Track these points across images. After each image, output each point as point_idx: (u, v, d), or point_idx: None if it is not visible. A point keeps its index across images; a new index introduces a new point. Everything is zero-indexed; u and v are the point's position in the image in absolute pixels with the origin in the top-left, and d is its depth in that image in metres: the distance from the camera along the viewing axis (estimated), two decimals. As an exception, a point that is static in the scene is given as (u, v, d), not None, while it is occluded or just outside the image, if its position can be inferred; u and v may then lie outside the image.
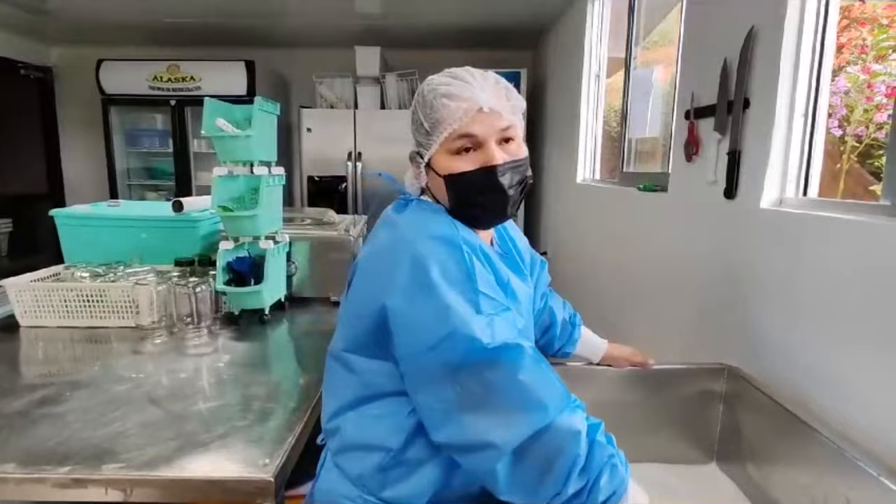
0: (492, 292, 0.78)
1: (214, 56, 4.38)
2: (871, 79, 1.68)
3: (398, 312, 0.78)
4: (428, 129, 0.85)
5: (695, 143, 1.64)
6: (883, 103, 1.68)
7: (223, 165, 1.65)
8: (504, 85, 0.87)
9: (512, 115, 0.86)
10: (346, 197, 4.08)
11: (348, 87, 4.21)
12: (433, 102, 0.84)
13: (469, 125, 0.82)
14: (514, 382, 0.74)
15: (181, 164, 4.50)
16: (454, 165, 0.84)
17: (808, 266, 1.17)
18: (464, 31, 4.13)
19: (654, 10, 2.54)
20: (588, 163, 3.10)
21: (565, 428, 0.74)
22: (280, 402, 1.16)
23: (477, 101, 0.82)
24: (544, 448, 0.74)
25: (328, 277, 1.94)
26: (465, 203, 0.86)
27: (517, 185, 0.86)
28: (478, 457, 0.76)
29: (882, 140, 1.72)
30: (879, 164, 1.77)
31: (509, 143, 0.86)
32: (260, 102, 1.60)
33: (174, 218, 1.90)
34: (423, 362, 0.77)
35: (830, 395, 1.09)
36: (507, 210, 0.87)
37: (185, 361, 1.39)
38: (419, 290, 0.76)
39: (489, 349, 0.73)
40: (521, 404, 0.74)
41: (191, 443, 0.97)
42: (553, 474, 0.74)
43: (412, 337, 0.78)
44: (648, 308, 2.04)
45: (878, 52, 1.68)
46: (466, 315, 0.74)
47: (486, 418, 0.74)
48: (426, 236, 0.80)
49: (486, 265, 0.81)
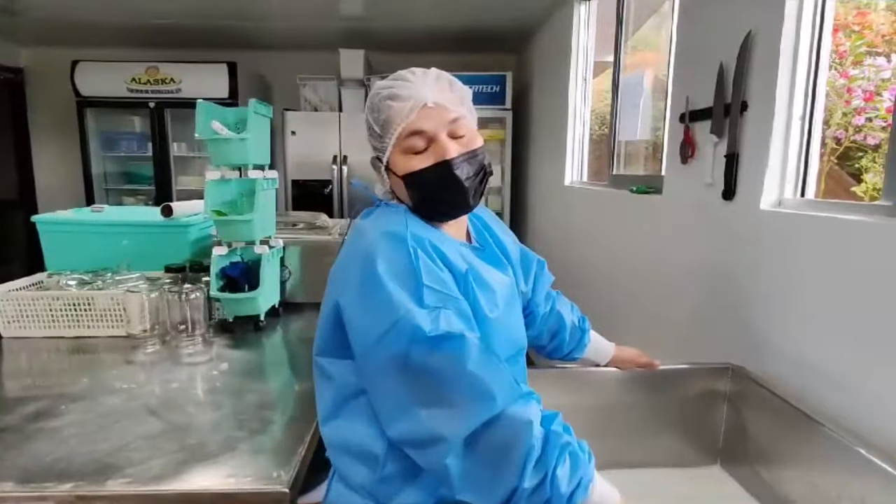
0: (438, 285, 0.79)
1: (195, 58, 4.30)
2: (849, 83, 1.73)
3: (348, 308, 0.80)
4: (379, 131, 0.87)
5: (690, 146, 1.66)
6: (861, 107, 1.73)
7: (215, 169, 1.61)
8: (447, 78, 0.89)
9: (459, 106, 0.87)
10: (331, 200, 4.04)
11: (332, 90, 4.18)
12: (379, 105, 0.86)
13: (417, 122, 0.84)
14: (461, 372, 0.74)
15: (161, 169, 4.40)
16: (410, 164, 0.86)
17: (809, 266, 1.18)
18: (448, 34, 4.13)
19: (634, 16, 2.58)
20: (576, 165, 3.12)
21: (516, 418, 0.73)
22: (281, 411, 1.14)
23: (420, 97, 0.84)
24: (495, 439, 0.73)
25: (322, 282, 1.89)
26: (426, 199, 0.88)
27: (474, 175, 0.88)
28: (429, 452, 0.75)
29: (861, 142, 1.77)
30: (859, 166, 1.82)
31: (461, 136, 0.87)
32: (254, 105, 1.57)
33: (163, 223, 1.85)
34: (372, 356, 0.78)
35: (834, 394, 1.10)
36: (469, 201, 0.89)
37: (181, 371, 1.35)
38: (367, 284, 0.78)
39: (430, 337, 0.74)
40: (470, 394, 0.74)
41: (197, 455, 0.95)
42: (507, 467, 0.72)
43: (361, 331, 0.79)
44: (642, 310, 2.05)
45: (856, 57, 1.73)
46: (410, 307, 0.75)
47: (436, 411, 0.74)
48: (377, 234, 0.83)
49: (436, 258, 0.82)
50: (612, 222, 2.39)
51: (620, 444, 1.28)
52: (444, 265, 0.83)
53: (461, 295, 0.83)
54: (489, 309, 0.87)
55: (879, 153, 1.73)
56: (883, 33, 1.75)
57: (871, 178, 1.77)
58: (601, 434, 1.13)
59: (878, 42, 1.74)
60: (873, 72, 1.71)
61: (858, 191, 1.79)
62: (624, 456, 1.26)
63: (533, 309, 1.15)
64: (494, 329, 0.87)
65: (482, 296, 0.87)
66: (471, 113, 0.92)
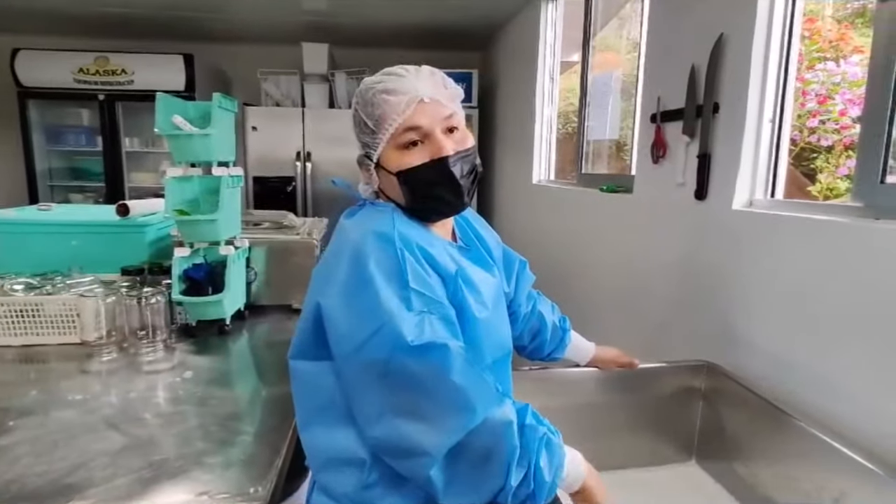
0: (424, 288, 0.77)
1: (149, 49, 4.11)
2: (804, 87, 1.79)
3: (330, 309, 0.77)
4: (373, 127, 0.84)
5: (662, 146, 1.68)
6: (815, 109, 1.80)
7: (177, 166, 1.53)
8: (440, 75, 0.88)
9: (452, 104, 0.86)
10: (294, 198, 3.94)
11: (295, 85, 4.06)
12: (373, 100, 0.83)
13: (413, 117, 0.82)
14: (444, 383, 0.72)
15: (112, 165, 4.18)
16: (405, 161, 0.84)
17: (781, 265, 1.21)
18: (414, 30, 4.09)
19: (595, 19, 2.61)
20: (544, 164, 3.13)
21: (497, 421, 0.73)
22: (252, 420, 1.09)
23: (417, 92, 0.82)
24: (479, 446, 0.72)
25: (290, 284, 1.85)
26: (420, 197, 0.86)
27: (468, 174, 0.87)
28: (411, 463, 0.74)
29: (815, 144, 1.84)
30: (814, 166, 1.89)
31: (454, 133, 0.86)
32: (219, 99, 1.50)
33: (118, 223, 1.75)
34: (353, 360, 0.76)
35: (807, 390, 1.13)
36: (464, 199, 0.88)
37: (142, 379, 1.27)
38: (353, 285, 0.76)
39: (412, 347, 0.71)
40: (451, 406, 0.72)
41: (164, 471, 0.88)
42: (493, 470, 0.72)
43: (343, 333, 0.76)
44: (616, 309, 2.07)
45: (810, 62, 1.79)
46: (395, 311, 0.73)
47: (417, 423, 0.72)
48: (364, 234, 0.80)
49: (423, 260, 0.80)
50: (582, 221, 2.41)
51: (600, 445, 1.27)
52: (432, 267, 0.81)
53: (450, 297, 0.81)
54: (478, 310, 0.85)
55: (832, 154, 1.80)
56: (830, 39, 1.83)
57: (824, 179, 1.84)
58: (581, 435, 1.12)
59: (827, 47, 1.81)
60: (825, 76, 1.77)
61: (814, 190, 1.86)
62: (603, 457, 1.25)
63: (515, 309, 1.14)
64: (484, 331, 0.85)
65: (471, 296, 0.85)
66: (461, 112, 0.90)
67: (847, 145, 1.73)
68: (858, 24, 1.80)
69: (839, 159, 1.77)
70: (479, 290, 0.88)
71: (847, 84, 1.71)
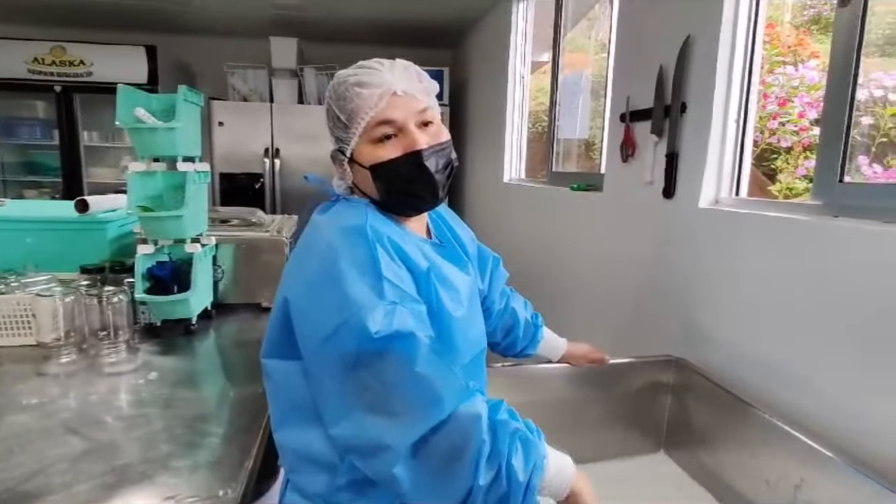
0: (398, 281, 0.76)
1: (109, 39, 3.96)
2: (765, 89, 1.85)
3: (297, 303, 0.77)
4: (345, 121, 0.83)
5: (631, 145, 1.71)
6: (775, 111, 1.86)
7: (140, 161, 1.48)
8: (414, 68, 0.87)
9: (427, 97, 0.85)
10: (262, 195, 3.86)
11: (263, 80, 3.99)
12: (345, 93, 0.82)
13: (387, 111, 0.81)
14: (409, 374, 0.70)
15: (69, 159, 4.02)
16: (378, 154, 0.83)
17: (746, 262, 1.25)
18: (385, 26, 4.06)
19: (566, 19, 2.64)
20: (514, 162, 3.15)
21: (464, 416, 0.71)
22: (219, 421, 1.06)
23: (390, 85, 0.81)
24: (444, 442, 0.70)
25: (258, 282, 1.81)
26: (394, 191, 0.85)
27: (443, 168, 0.86)
28: (375, 461, 0.72)
29: (775, 145, 1.90)
30: (774, 167, 1.95)
31: (429, 127, 0.85)
32: (184, 92, 1.45)
33: (77, 219, 1.68)
34: (319, 355, 0.74)
35: (770, 383, 1.17)
36: (438, 194, 0.86)
37: (103, 382, 1.23)
38: (324, 281, 0.75)
39: (376, 339, 0.69)
40: (417, 399, 0.70)
41: (128, 476, 0.85)
42: (459, 468, 0.70)
43: (309, 327, 0.75)
44: (585, 306, 2.10)
45: (770, 65, 1.85)
46: (364, 302, 0.71)
47: (381, 418, 0.71)
48: (336, 229, 0.79)
49: (395, 255, 0.78)
50: (553, 219, 2.43)
51: (571, 440, 1.27)
52: (404, 263, 0.80)
53: (423, 296, 0.80)
54: (453, 308, 0.84)
55: (791, 155, 1.86)
56: (788, 44, 1.89)
57: (784, 178, 1.90)
58: (553, 431, 1.13)
59: (786, 52, 1.88)
60: (785, 79, 1.83)
61: (774, 190, 1.92)
62: (575, 451, 1.26)
63: (488, 306, 1.14)
64: (458, 329, 0.84)
65: (446, 294, 0.84)
66: (437, 106, 0.89)
67: (805, 146, 1.79)
68: (814, 31, 1.87)
69: (798, 160, 1.83)
70: (456, 287, 0.87)
71: (805, 88, 1.77)
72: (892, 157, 1.38)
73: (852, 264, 1.00)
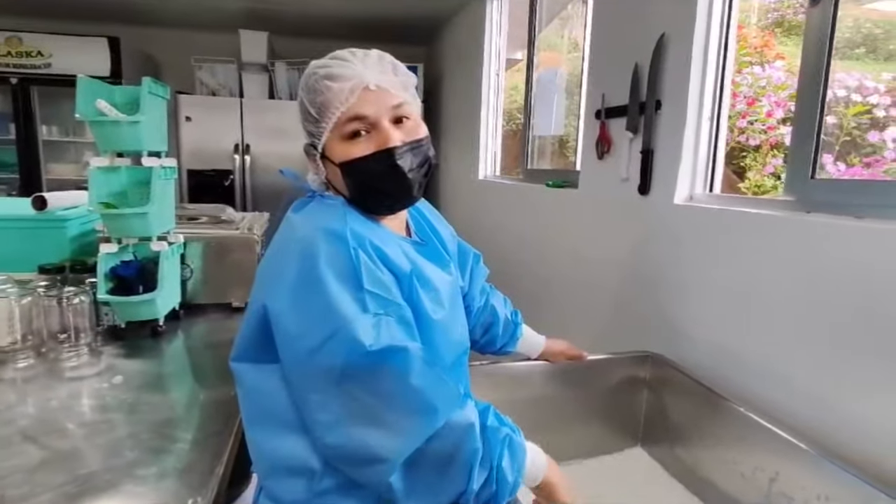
0: (380, 289, 0.73)
1: (68, 30, 3.81)
2: (734, 89, 1.88)
3: (279, 311, 0.73)
4: (316, 115, 0.80)
5: (606, 142, 1.72)
6: (744, 110, 1.89)
7: (102, 156, 1.42)
8: (389, 60, 0.83)
9: (402, 91, 0.82)
10: (232, 193, 3.77)
11: (232, 74, 3.89)
12: (315, 86, 0.79)
13: (358, 106, 0.77)
14: (404, 388, 0.69)
15: (27, 154, 3.86)
16: (349, 151, 0.79)
17: (720, 257, 1.26)
18: (357, 21, 4.01)
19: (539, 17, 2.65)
20: (489, 160, 3.15)
21: (458, 424, 0.71)
22: (188, 426, 1.02)
23: (362, 79, 0.77)
24: (440, 450, 0.70)
25: (229, 281, 1.76)
26: (364, 190, 0.81)
27: (418, 167, 0.82)
28: (370, 471, 0.71)
29: (744, 143, 1.94)
30: (743, 165, 1.99)
31: (405, 122, 0.81)
32: (149, 84, 1.40)
33: (34, 217, 1.60)
34: (306, 366, 0.72)
35: (745, 377, 1.19)
36: (412, 193, 0.83)
37: (63, 387, 1.17)
38: (304, 286, 0.72)
39: (371, 353, 0.68)
40: (412, 410, 0.70)
41: (91, 485, 0.81)
42: (455, 473, 0.71)
43: (294, 338, 0.72)
44: (562, 302, 2.11)
45: (739, 66, 1.89)
46: (350, 314, 0.69)
47: (375, 430, 0.69)
48: (315, 231, 0.75)
49: (377, 259, 0.76)
50: (529, 216, 2.44)
51: (550, 437, 1.27)
52: (386, 266, 0.77)
53: (404, 298, 0.77)
54: (433, 310, 0.82)
55: (759, 153, 1.90)
56: (755, 45, 1.93)
57: (753, 176, 1.94)
58: (532, 428, 1.12)
59: (753, 53, 1.91)
60: (753, 79, 1.87)
61: (743, 187, 1.96)
62: (553, 449, 1.26)
63: (469, 303, 1.12)
64: (439, 332, 0.82)
65: (426, 296, 0.81)
66: (415, 100, 0.86)
67: (773, 145, 1.83)
68: (778, 34, 1.91)
69: (766, 158, 1.87)
70: (437, 288, 0.85)
71: (773, 88, 1.81)
72: (855, 155, 1.42)
73: (826, 259, 1.02)
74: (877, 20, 1.51)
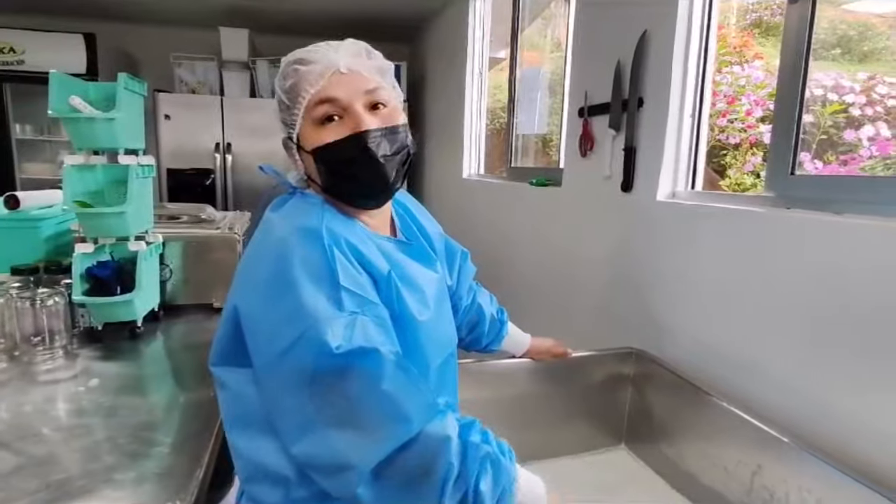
0: (357, 288, 0.71)
1: (42, 25, 3.71)
2: (715, 87, 1.90)
3: (249, 313, 0.71)
4: (287, 102, 0.78)
5: (589, 140, 1.72)
6: (724, 109, 1.92)
7: (77, 154, 1.38)
8: (363, 45, 0.82)
9: (377, 76, 0.79)
10: (213, 192, 3.72)
11: (213, 72, 3.84)
12: (286, 71, 0.78)
13: (328, 89, 0.75)
14: (375, 392, 0.66)
15: (0, 153, 3.76)
16: (320, 137, 0.77)
17: (702, 253, 1.27)
18: (340, 19, 3.97)
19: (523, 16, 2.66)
20: (474, 158, 3.15)
21: (432, 436, 0.68)
22: (169, 430, 1.00)
23: (332, 62, 0.76)
24: (411, 462, 0.67)
25: (209, 281, 1.73)
26: (337, 177, 0.78)
27: (393, 154, 0.79)
28: (337, 479, 0.68)
29: (724, 142, 1.96)
30: (723, 163, 2.02)
31: (381, 109, 0.78)
32: (125, 80, 1.36)
33: (7, 217, 1.56)
34: (274, 369, 0.69)
35: (728, 372, 1.20)
36: (389, 182, 0.79)
37: (38, 391, 1.14)
38: (275, 287, 0.69)
39: (337, 355, 0.65)
40: (383, 417, 0.67)
41: (66, 491, 0.79)
42: (426, 489, 0.67)
43: (263, 340, 0.70)
44: (546, 300, 2.11)
45: (720, 65, 1.91)
46: (321, 314, 0.66)
47: (344, 434, 0.67)
48: (289, 230, 0.74)
49: (353, 259, 0.73)
50: (513, 214, 2.44)
51: (533, 436, 1.29)
52: (363, 267, 0.74)
53: (382, 300, 0.75)
54: (418, 311, 0.80)
55: (739, 151, 1.93)
56: (735, 45, 1.96)
57: (733, 174, 1.97)
58: (515, 427, 1.12)
59: (732, 52, 1.94)
60: (733, 78, 1.89)
61: (723, 185, 1.98)
62: (538, 447, 1.27)
63: (455, 302, 1.11)
64: (426, 333, 0.80)
65: (410, 297, 0.79)
66: (395, 89, 0.84)
67: (752, 143, 1.85)
68: (756, 34, 1.94)
69: (746, 156, 1.89)
70: (421, 289, 0.83)
71: (752, 87, 1.83)
72: (832, 153, 1.45)
73: (807, 254, 1.03)
74: (851, 22, 1.54)
